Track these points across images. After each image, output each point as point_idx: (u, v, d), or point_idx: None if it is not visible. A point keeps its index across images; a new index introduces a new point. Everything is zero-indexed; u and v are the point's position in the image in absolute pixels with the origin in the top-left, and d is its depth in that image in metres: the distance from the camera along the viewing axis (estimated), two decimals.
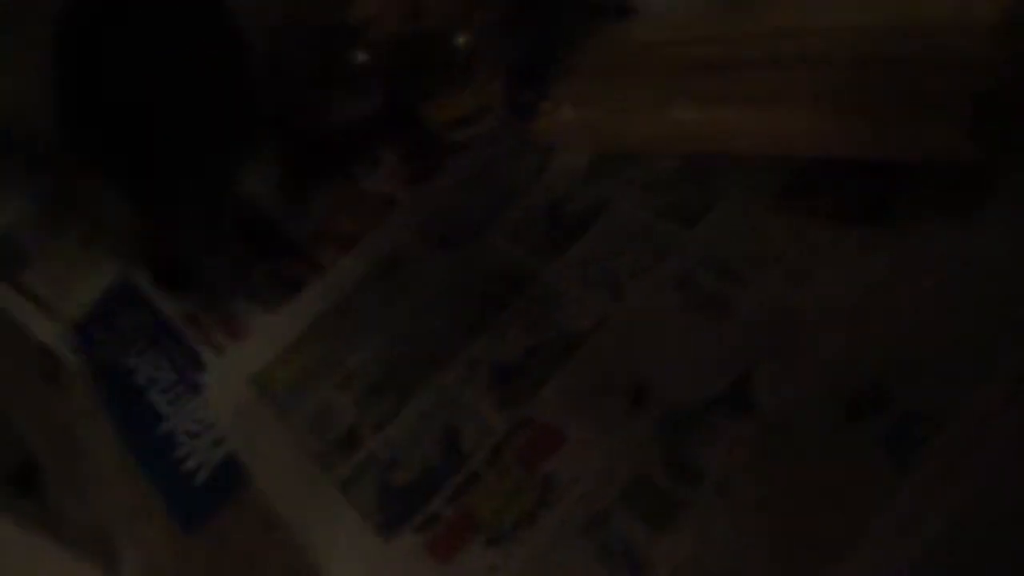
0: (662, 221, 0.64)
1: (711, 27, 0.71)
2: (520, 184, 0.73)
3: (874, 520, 0.45)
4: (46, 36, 0.71)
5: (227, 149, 0.77)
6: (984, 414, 0.46)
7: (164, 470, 0.73)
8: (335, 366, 0.70)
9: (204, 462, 0.72)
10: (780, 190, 0.62)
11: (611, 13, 0.79)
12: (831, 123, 0.61)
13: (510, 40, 0.80)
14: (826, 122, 0.61)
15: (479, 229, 0.72)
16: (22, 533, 0.69)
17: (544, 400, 0.59)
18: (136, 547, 0.70)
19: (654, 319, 0.59)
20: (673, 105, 0.68)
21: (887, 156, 0.59)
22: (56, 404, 0.95)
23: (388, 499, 0.61)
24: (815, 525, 0.47)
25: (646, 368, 0.57)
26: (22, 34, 0.70)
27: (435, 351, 0.66)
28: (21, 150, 0.82)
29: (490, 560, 0.54)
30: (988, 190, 0.55)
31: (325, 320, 0.74)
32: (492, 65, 0.77)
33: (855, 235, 0.56)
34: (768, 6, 0.70)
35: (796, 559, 0.46)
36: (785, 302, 0.55)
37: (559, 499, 0.54)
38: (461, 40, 0.80)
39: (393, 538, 0.58)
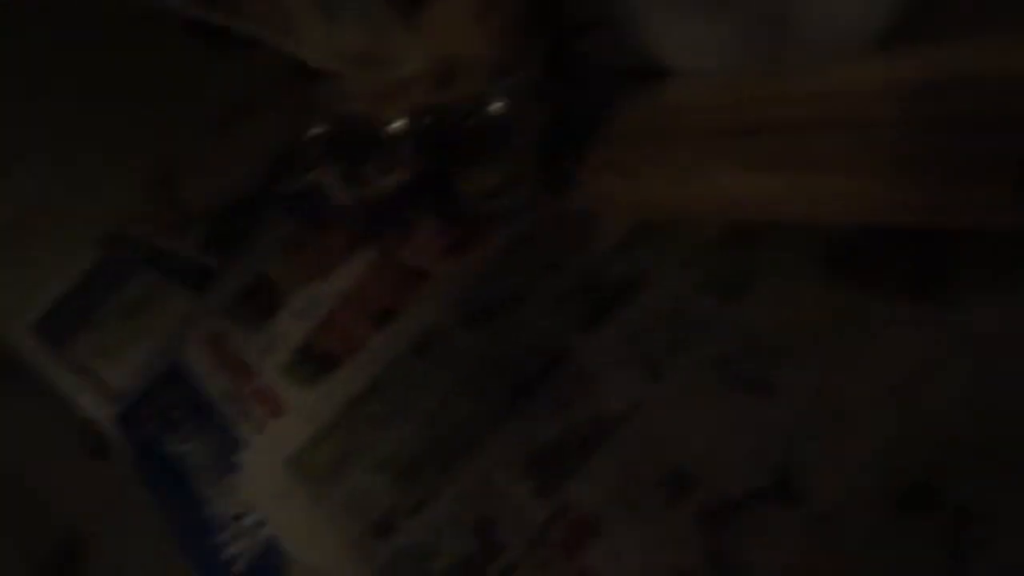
0: (702, 296, 0.61)
1: (750, 89, 0.69)
2: (556, 256, 0.71)
3: None
4: None
5: None
6: None
7: (205, 554, 0.72)
8: (370, 448, 0.68)
9: (245, 547, 0.71)
10: (826, 261, 0.59)
11: (647, 76, 0.77)
12: (875, 188, 0.58)
13: (544, 107, 0.78)
14: (870, 187, 0.59)
15: (514, 304, 0.70)
16: None
17: (580, 487, 0.57)
18: None
19: (693, 401, 0.56)
20: (713, 170, 0.65)
21: (935, 223, 0.55)
22: (101, 481, 0.95)
23: None
24: None
25: (685, 454, 0.54)
26: None
27: (469, 433, 0.64)
28: None
29: None
30: None
31: (359, 400, 0.72)
32: (526, 133, 0.75)
33: (905, 310, 0.53)
34: (808, 68, 0.68)
35: None
36: (832, 383, 0.52)
37: None
38: (495, 108, 0.78)
39: None
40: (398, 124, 0.81)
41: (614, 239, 0.69)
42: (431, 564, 0.60)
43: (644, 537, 0.53)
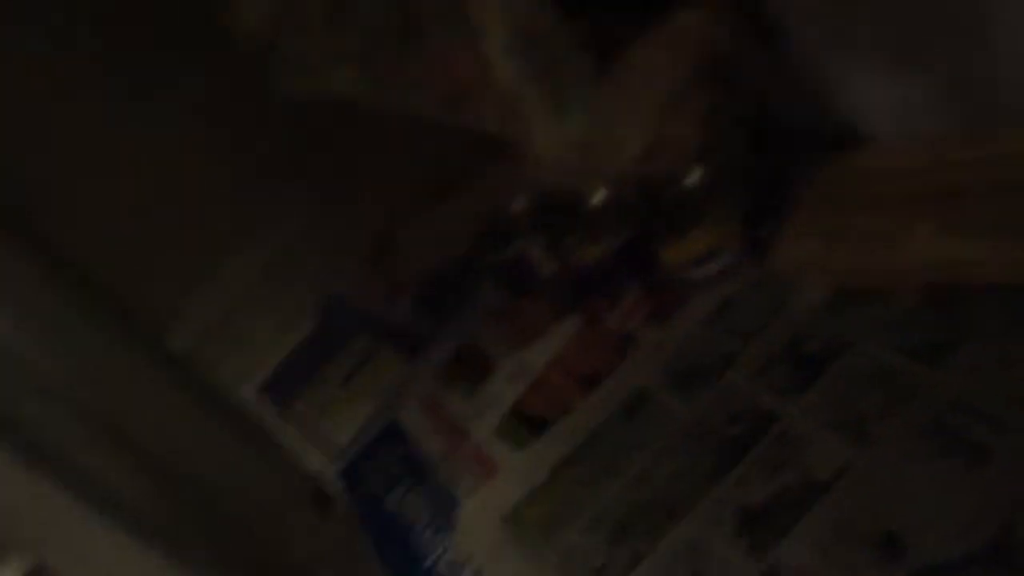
0: (908, 360, 0.62)
1: (950, 152, 0.70)
2: (759, 322, 0.73)
3: None
4: None
5: None
6: None
7: None
8: (581, 508, 0.71)
9: None
10: None
11: (845, 142, 0.79)
12: None
13: (743, 176, 0.81)
14: None
15: (719, 369, 0.72)
16: None
17: (791, 548, 0.58)
18: None
19: (903, 466, 0.57)
20: (914, 235, 0.66)
21: None
22: (327, 533, 1.02)
23: None
24: None
25: (896, 517, 0.55)
26: None
27: (679, 493, 0.66)
28: None
29: None
30: None
31: (570, 461, 0.76)
32: (727, 202, 0.78)
33: None
34: (1009, 131, 0.68)
35: None
36: None
37: None
38: (695, 179, 0.82)
39: None
40: (600, 196, 0.86)
41: (816, 304, 0.71)
42: None
43: None
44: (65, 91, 1.08)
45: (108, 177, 1.14)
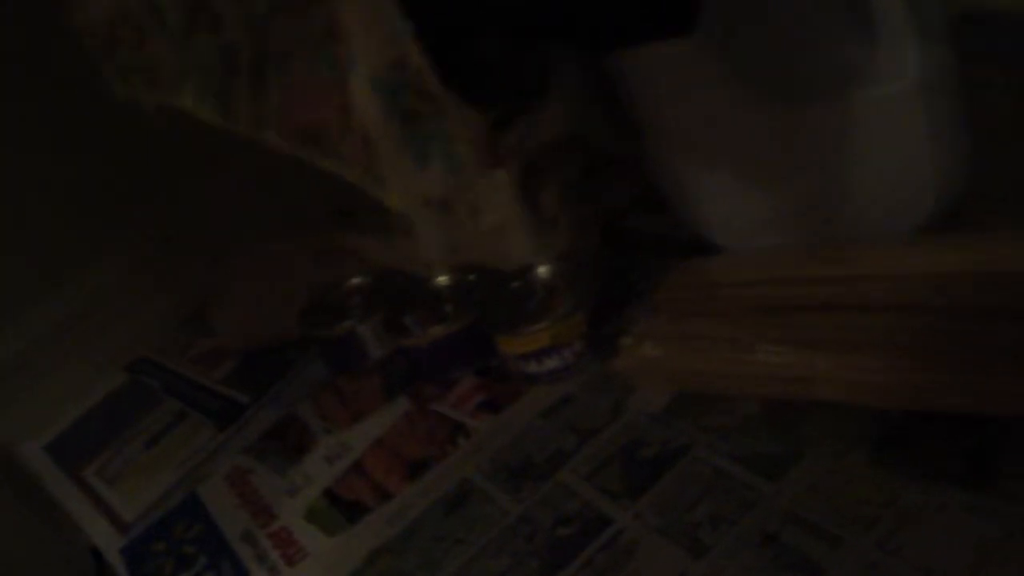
0: (744, 471, 0.61)
1: (795, 267, 0.71)
2: (596, 422, 0.71)
3: None
4: None
5: None
6: None
7: None
8: None
9: None
10: (873, 443, 0.59)
11: (694, 250, 0.79)
12: (922, 374, 0.59)
13: (590, 274, 0.80)
14: (917, 373, 0.59)
15: (552, 467, 0.69)
16: None
17: None
18: None
19: None
20: (756, 346, 0.66)
21: (985, 411, 0.56)
22: None
23: None
24: None
25: None
26: None
27: None
28: None
29: None
30: None
31: (385, 552, 0.71)
32: (572, 298, 0.76)
33: (957, 498, 0.53)
34: (854, 249, 0.70)
35: None
36: (885, 571, 0.51)
37: None
38: (541, 272, 0.80)
39: None
40: (443, 279, 0.83)
41: (655, 408, 0.70)
42: None
43: None
44: None
45: None
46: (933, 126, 0.67)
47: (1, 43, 1.02)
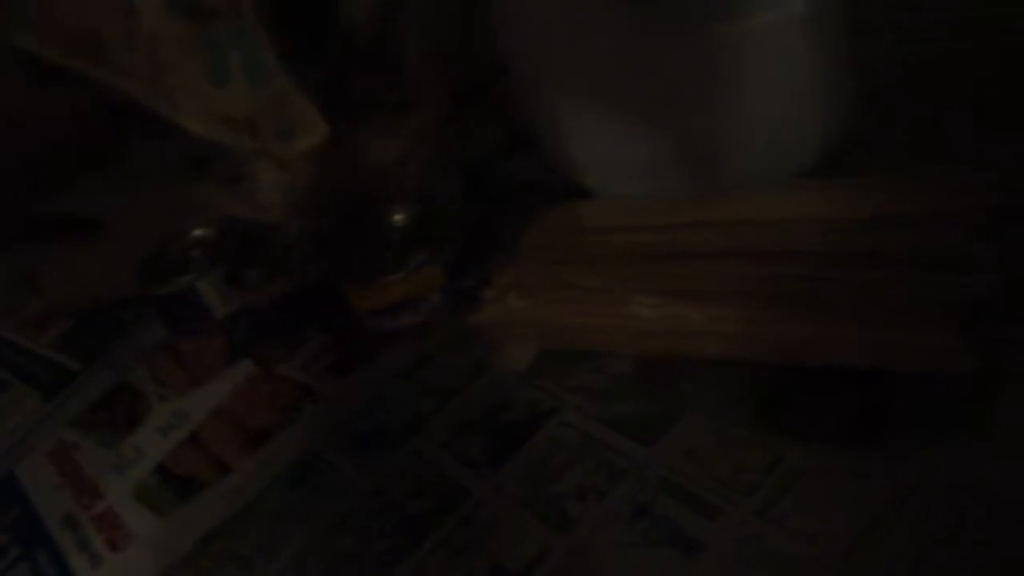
0: (615, 436, 0.55)
1: (672, 214, 0.65)
2: (456, 383, 0.65)
3: None
4: None
5: None
6: None
7: None
8: None
9: None
10: (754, 403, 0.54)
11: (560, 194, 0.73)
12: (804, 326, 0.54)
13: (450, 222, 0.73)
14: (799, 325, 0.55)
15: (406, 433, 0.63)
16: None
17: None
18: None
19: (608, 554, 0.49)
20: (628, 297, 0.61)
21: (868, 364, 0.51)
22: None
23: None
24: None
25: None
26: None
27: None
28: None
29: None
30: (989, 411, 0.47)
31: (221, 534, 0.63)
32: (430, 249, 0.69)
33: (843, 461, 0.48)
34: (731, 195, 0.65)
35: None
36: (765, 542, 0.46)
37: None
38: (397, 218, 0.73)
39: None
40: (291, 227, 0.75)
41: (519, 367, 0.63)
42: None
43: None
44: None
45: None
46: (818, 62, 0.63)
47: None
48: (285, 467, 0.65)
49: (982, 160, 0.59)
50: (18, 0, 0.43)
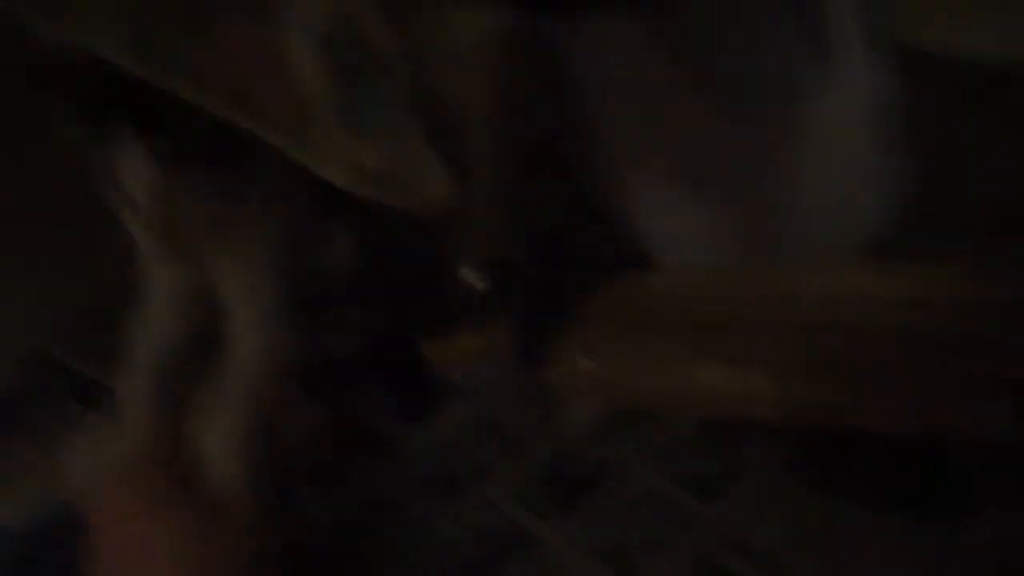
0: (679, 492, 0.58)
1: (736, 286, 0.69)
2: (524, 435, 0.68)
3: None
4: None
5: None
6: None
7: None
8: None
9: None
10: (811, 466, 0.57)
11: (625, 263, 0.77)
12: (861, 396, 0.57)
13: (522, 283, 0.77)
14: (855, 394, 0.58)
15: (475, 481, 0.66)
16: None
17: None
18: None
19: None
20: (693, 363, 0.64)
21: (923, 432, 0.54)
22: None
23: None
24: None
25: None
26: None
27: None
28: None
29: None
30: None
31: None
32: (503, 307, 0.73)
33: (897, 523, 0.51)
34: (794, 271, 0.68)
35: None
36: None
37: None
38: (471, 277, 0.77)
39: None
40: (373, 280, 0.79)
41: (586, 423, 0.67)
42: None
43: None
44: None
45: None
46: (879, 147, 0.67)
47: None
48: (359, 508, 0.69)
49: None
50: (181, 53, 0.48)
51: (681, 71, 0.67)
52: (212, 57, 0.48)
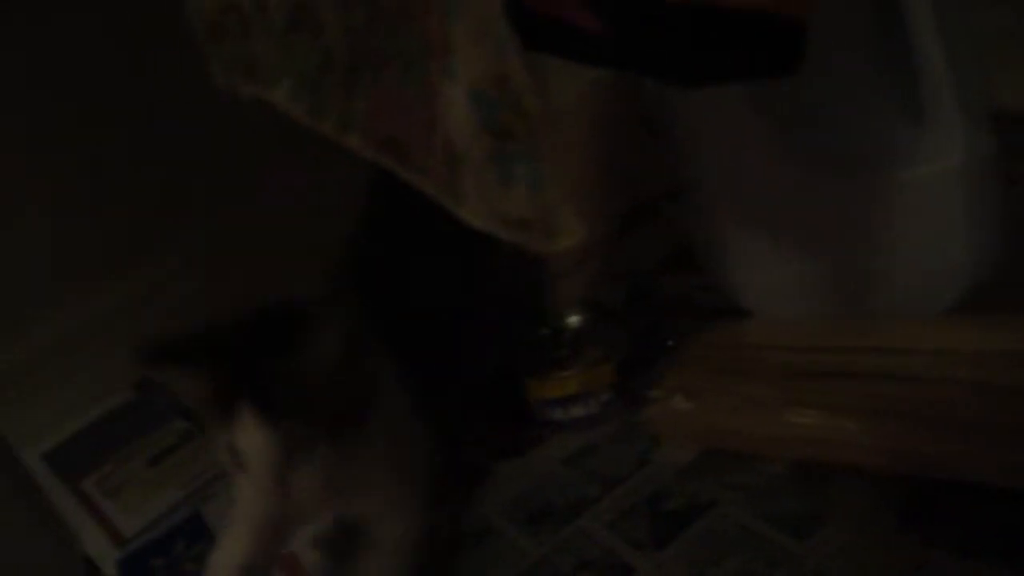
0: (771, 530, 0.62)
1: (829, 337, 0.72)
2: (621, 472, 0.72)
3: None
4: None
5: None
6: None
7: None
8: None
9: None
10: (901, 511, 0.59)
11: (716, 311, 0.80)
12: (949, 445, 0.60)
13: (620, 326, 0.81)
14: (944, 443, 0.61)
15: (572, 514, 0.70)
16: None
17: None
18: None
19: None
20: (788, 408, 0.67)
21: (1012, 484, 0.57)
22: None
23: None
24: None
25: None
26: None
27: None
28: None
29: None
30: None
31: None
32: (604, 349, 0.77)
33: (986, 571, 0.53)
34: (887, 323, 0.71)
35: None
36: None
37: None
38: (572, 320, 0.81)
39: None
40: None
41: (681, 461, 0.70)
42: None
43: None
44: None
45: None
46: (971, 210, 0.69)
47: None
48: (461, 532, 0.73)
49: None
50: (351, 110, 0.53)
51: (778, 131, 0.71)
52: (379, 115, 0.53)
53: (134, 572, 0.86)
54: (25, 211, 1.13)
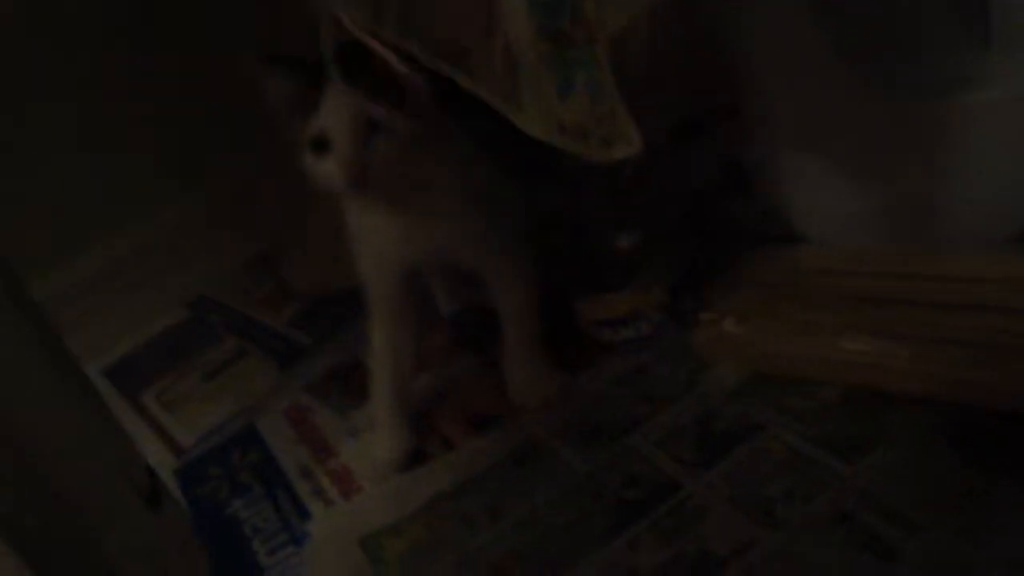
0: (820, 452, 0.62)
1: (886, 263, 0.71)
2: (670, 393, 0.72)
3: None
4: None
5: None
6: None
7: None
8: (452, 545, 0.67)
9: None
10: (952, 438, 0.59)
11: (772, 236, 0.80)
12: (999, 373, 0.60)
13: (673, 249, 0.80)
14: (997, 371, 0.60)
15: (625, 430, 0.70)
16: None
17: None
18: None
19: (810, 551, 0.56)
20: (840, 333, 0.67)
21: None
22: (152, 532, 0.93)
23: None
24: None
25: None
26: None
27: (564, 548, 0.63)
28: None
29: None
30: None
31: (450, 495, 0.72)
32: (655, 271, 0.77)
33: None
34: (945, 252, 0.70)
35: None
36: (960, 557, 0.52)
37: None
38: (624, 242, 0.81)
39: None
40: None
41: (731, 383, 0.70)
42: None
43: None
44: None
45: None
46: None
47: None
48: (507, 450, 0.74)
49: None
50: (412, 17, 0.53)
51: (839, 52, 0.70)
52: (438, 21, 0.53)
53: (191, 480, 0.89)
54: (87, 142, 1.16)
